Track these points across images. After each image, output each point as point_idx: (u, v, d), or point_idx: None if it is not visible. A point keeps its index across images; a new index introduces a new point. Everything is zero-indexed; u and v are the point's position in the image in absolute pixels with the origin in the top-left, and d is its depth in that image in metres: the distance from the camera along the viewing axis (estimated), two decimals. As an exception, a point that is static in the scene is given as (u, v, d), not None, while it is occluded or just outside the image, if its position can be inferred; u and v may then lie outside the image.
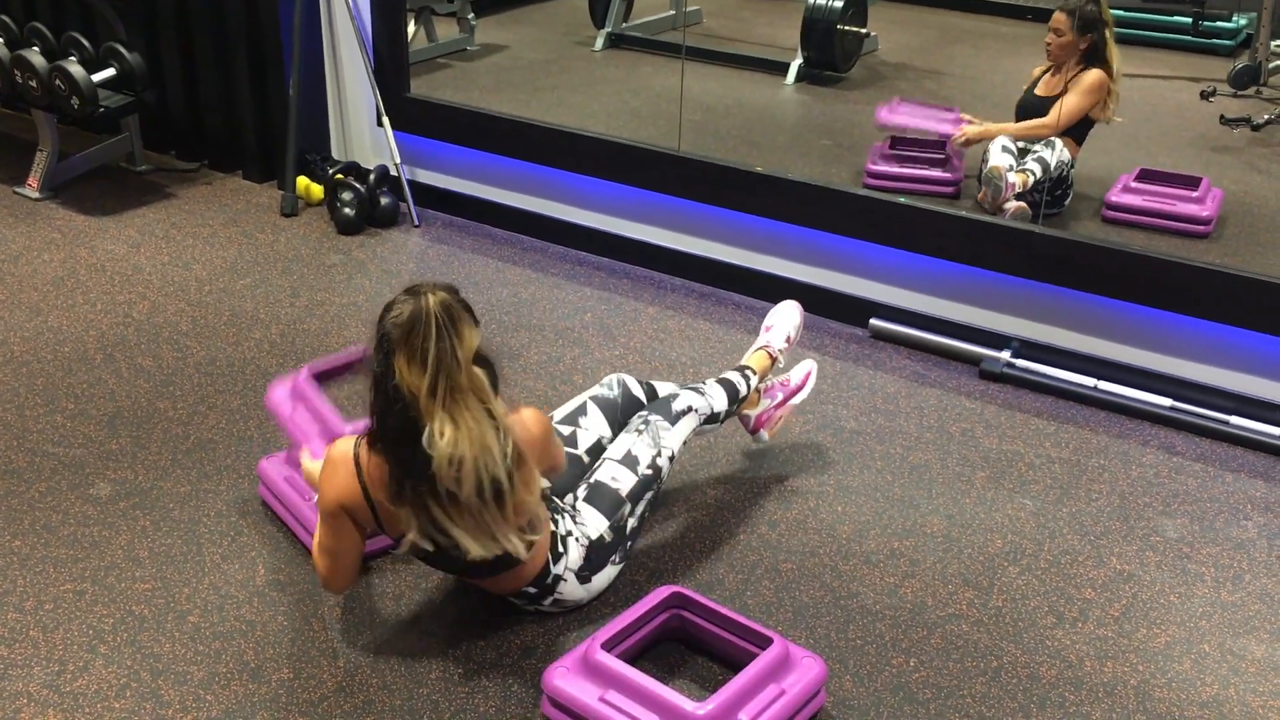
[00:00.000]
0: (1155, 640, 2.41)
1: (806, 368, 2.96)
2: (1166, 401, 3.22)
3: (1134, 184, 3.74)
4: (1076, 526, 2.76)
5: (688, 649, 2.31)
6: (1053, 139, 3.82)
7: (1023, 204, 3.64)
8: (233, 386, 3.24)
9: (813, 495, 2.84)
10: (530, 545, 2.17)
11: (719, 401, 2.66)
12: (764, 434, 2.88)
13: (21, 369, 3.30)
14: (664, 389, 2.66)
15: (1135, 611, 2.49)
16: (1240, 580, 2.59)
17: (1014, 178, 3.68)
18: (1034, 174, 3.72)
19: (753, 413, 2.85)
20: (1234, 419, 3.14)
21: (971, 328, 3.52)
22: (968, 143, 3.93)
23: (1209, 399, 3.19)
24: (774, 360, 2.88)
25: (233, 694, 2.19)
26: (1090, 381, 3.31)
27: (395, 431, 2.04)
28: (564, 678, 2.08)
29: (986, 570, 2.60)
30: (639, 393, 2.62)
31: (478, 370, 2.05)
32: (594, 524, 2.36)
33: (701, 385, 2.68)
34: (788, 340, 2.93)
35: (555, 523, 2.31)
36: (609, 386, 2.60)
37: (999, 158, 3.79)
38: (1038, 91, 3.92)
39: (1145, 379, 3.28)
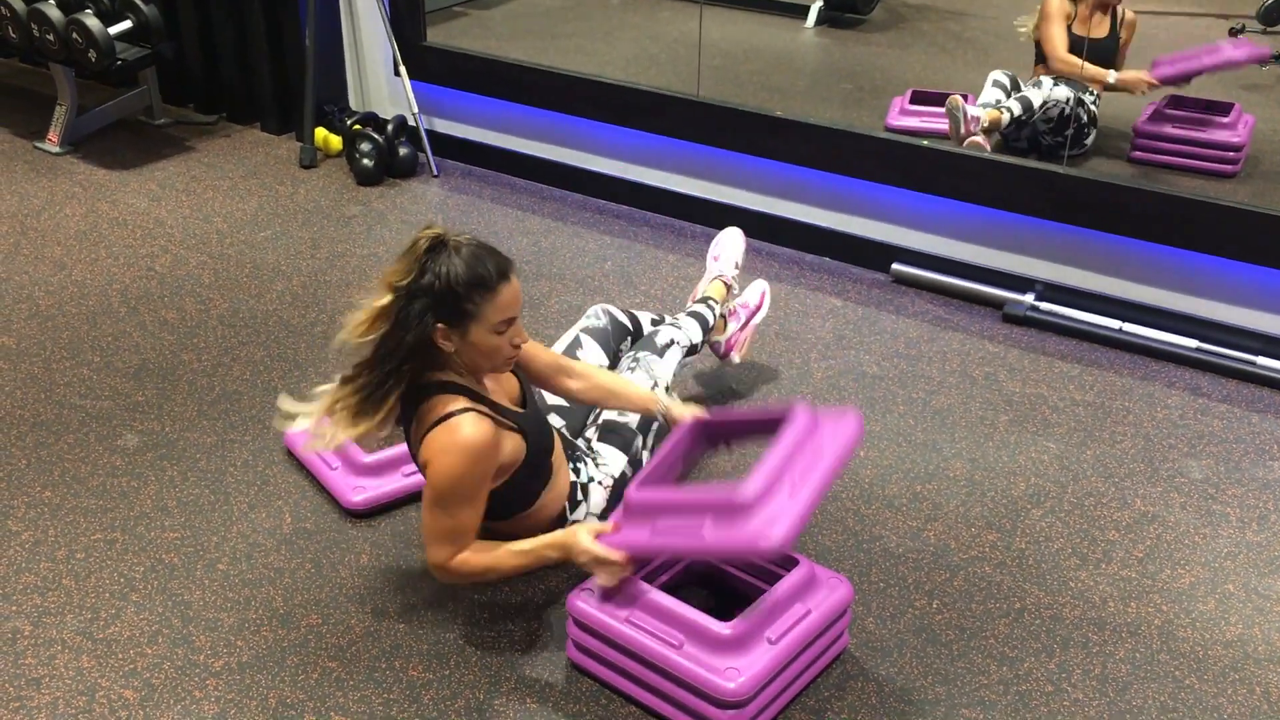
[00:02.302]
0: (1179, 581, 2.41)
1: (760, 287, 3.05)
2: (1192, 343, 3.19)
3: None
4: (1100, 469, 2.75)
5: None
6: (1040, 78, 3.77)
7: (979, 139, 3.59)
8: (256, 338, 3.26)
9: (835, 440, 2.84)
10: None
11: (695, 333, 2.74)
12: (735, 356, 2.95)
13: (47, 323, 3.32)
14: (644, 317, 2.74)
15: (1159, 552, 2.49)
16: (1266, 520, 2.58)
17: (978, 111, 3.63)
18: (1011, 111, 3.67)
19: (722, 338, 2.92)
20: (1260, 360, 3.12)
21: (995, 271, 3.50)
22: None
23: (1235, 340, 3.17)
24: (729, 287, 2.95)
25: (263, 639, 2.22)
26: (1115, 323, 3.29)
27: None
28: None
29: (1010, 513, 2.60)
30: (623, 318, 2.70)
31: None
32: (614, 461, 2.41)
33: (677, 320, 2.76)
34: (736, 266, 2.99)
35: (577, 472, 2.33)
36: (595, 316, 2.68)
37: (987, 93, 3.76)
38: (1082, 32, 3.82)
39: (1171, 320, 3.25)
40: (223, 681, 2.12)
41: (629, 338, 2.69)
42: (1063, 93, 3.72)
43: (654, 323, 2.73)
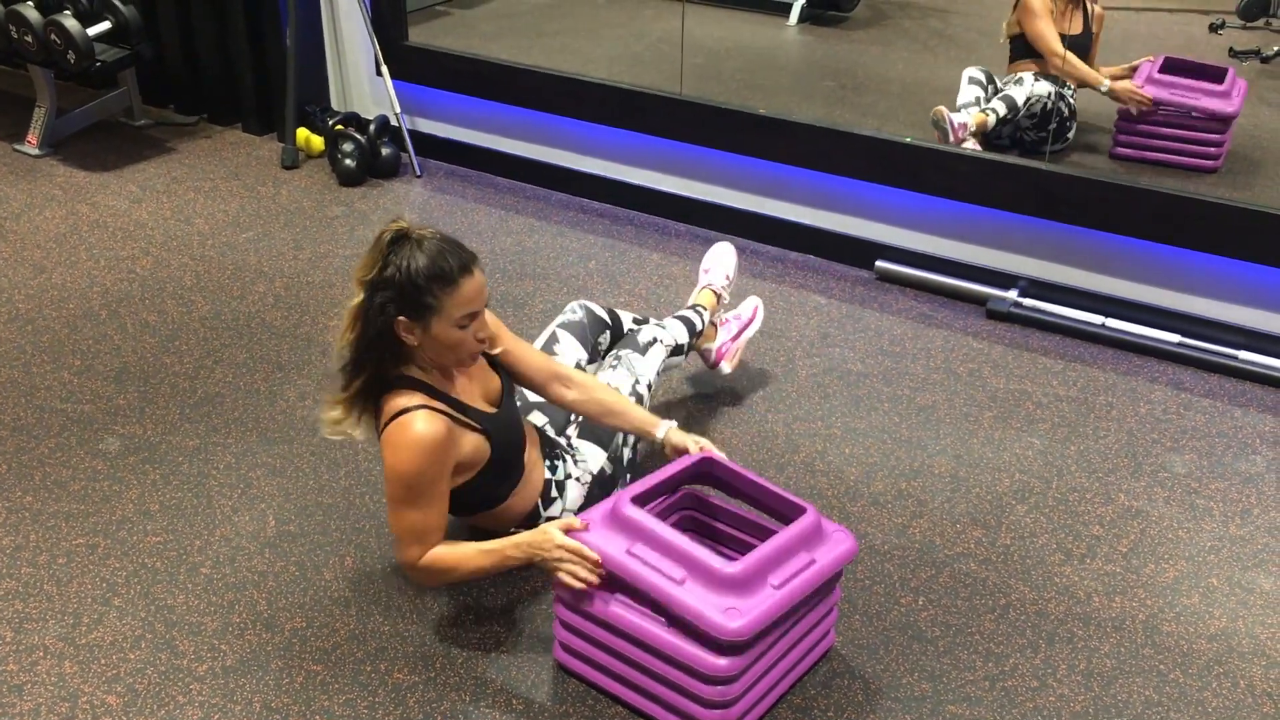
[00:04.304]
0: (1163, 575, 2.41)
1: (754, 302, 3.05)
2: (1175, 338, 3.20)
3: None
4: (1084, 464, 2.76)
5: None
6: (1021, 75, 3.77)
7: (971, 144, 3.59)
8: (238, 340, 3.24)
9: (820, 438, 2.84)
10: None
11: (680, 334, 2.73)
12: (725, 365, 2.94)
13: (27, 326, 3.30)
14: (625, 317, 2.73)
15: (1143, 547, 2.49)
16: (1249, 515, 2.59)
17: (964, 118, 3.62)
18: (996, 113, 3.68)
19: (712, 345, 2.92)
20: (1242, 354, 3.13)
21: (978, 267, 3.50)
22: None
23: (1217, 334, 3.18)
24: (719, 297, 2.95)
25: (247, 643, 2.20)
26: (1098, 319, 3.30)
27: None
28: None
29: (994, 509, 2.60)
30: (602, 313, 2.69)
31: None
32: (593, 458, 2.40)
33: (661, 321, 2.75)
34: (727, 278, 3.00)
35: (553, 469, 2.33)
36: (571, 311, 2.67)
37: (965, 92, 3.75)
38: (1060, 28, 3.82)
39: (1153, 315, 3.26)
40: (207, 686, 2.11)
41: (607, 331, 2.67)
42: (1044, 88, 3.73)
43: (636, 322, 2.72)
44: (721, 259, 3.03)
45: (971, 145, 3.60)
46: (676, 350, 2.71)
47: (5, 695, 2.08)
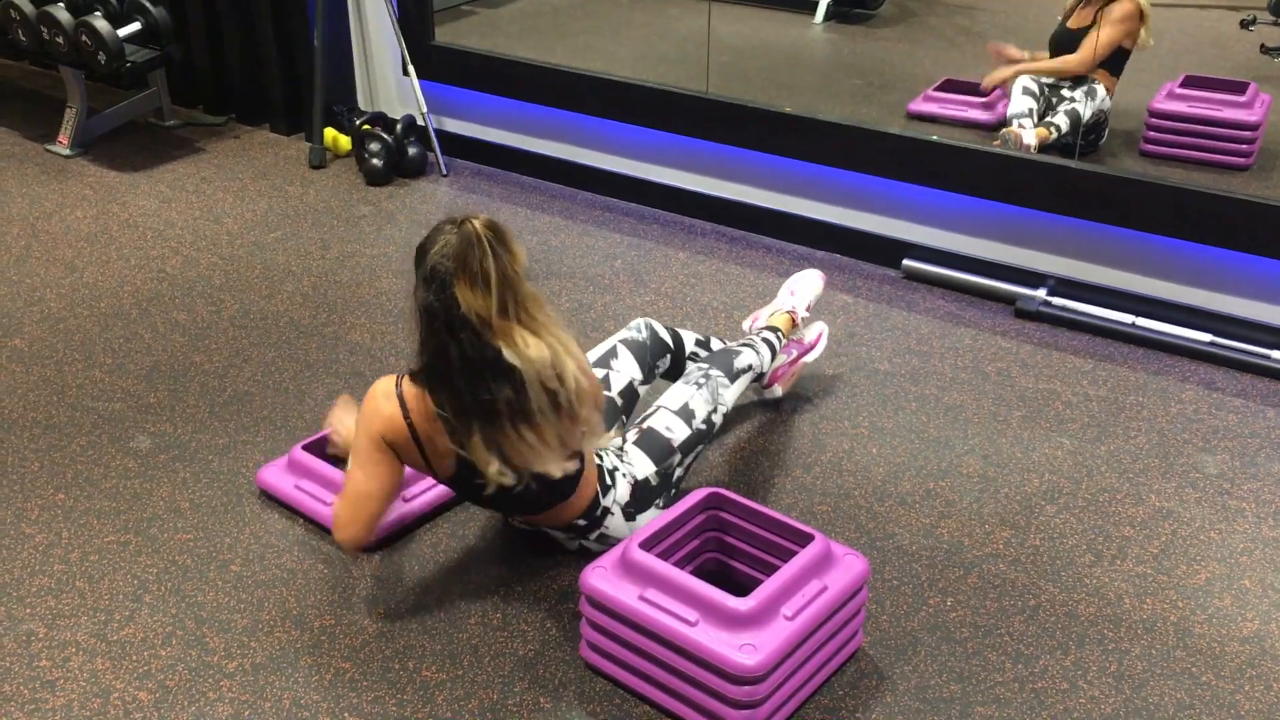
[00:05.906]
0: (1195, 577, 2.39)
1: (819, 328, 3.02)
2: (1206, 337, 3.18)
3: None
4: (1115, 464, 2.74)
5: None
6: (1094, 86, 3.73)
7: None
8: (267, 339, 3.26)
9: (847, 437, 2.83)
10: (580, 462, 2.19)
11: (768, 361, 2.75)
12: (777, 388, 2.91)
13: (58, 325, 3.33)
14: (688, 337, 2.72)
15: (1175, 548, 2.47)
16: (1282, 516, 2.57)
17: (1030, 138, 3.59)
18: (1059, 129, 3.63)
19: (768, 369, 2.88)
20: (1275, 354, 3.10)
21: (1006, 266, 3.48)
22: (995, 86, 3.84)
23: (1249, 333, 3.15)
24: (795, 324, 2.94)
25: (276, 641, 2.22)
26: (1128, 318, 3.28)
27: (467, 361, 2.02)
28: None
29: (1024, 509, 2.59)
30: (665, 336, 2.66)
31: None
32: (641, 466, 2.37)
33: (754, 343, 2.73)
34: (808, 308, 2.99)
35: (600, 457, 2.33)
36: (637, 329, 2.64)
37: (1019, 103, 3.70)
38: (1070, 24, 3.83)
39: (1184, 314, 3.24)
40: (236, 683, 2.12)
41: (668, 355, 2.65)
42: (1108, 103, 3.71)
43: (699, 344, 2.72)
44: (809, 286, 3.02)
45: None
46: (759, 378, 2.74)
47: (38, 691, 2.10)
